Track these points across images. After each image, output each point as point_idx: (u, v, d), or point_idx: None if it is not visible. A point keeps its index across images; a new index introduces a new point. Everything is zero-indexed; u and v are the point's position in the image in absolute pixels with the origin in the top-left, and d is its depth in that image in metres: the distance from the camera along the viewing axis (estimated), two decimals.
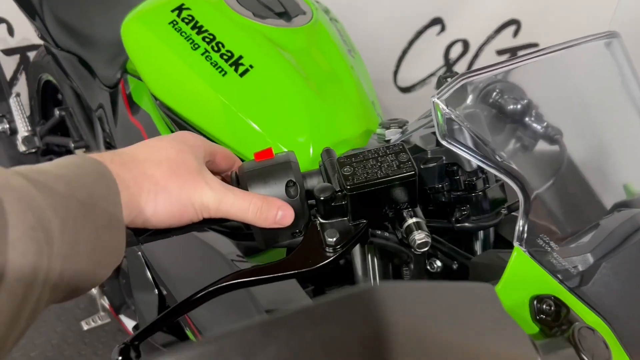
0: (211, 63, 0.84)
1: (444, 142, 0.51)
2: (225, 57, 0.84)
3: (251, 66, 0.83)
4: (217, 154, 0.60)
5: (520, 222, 0.49)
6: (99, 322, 1.61)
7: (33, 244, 0.38)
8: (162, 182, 0.51)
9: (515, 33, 2.05)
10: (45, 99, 1.72)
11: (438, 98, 0.51)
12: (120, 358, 0.53)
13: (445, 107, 0.51)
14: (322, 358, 0.22)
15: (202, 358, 0.20)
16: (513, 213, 0.71)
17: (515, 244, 0.50)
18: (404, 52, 2.09)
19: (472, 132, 0.51)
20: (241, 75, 0.83)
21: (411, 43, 2.07)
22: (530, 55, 0.54)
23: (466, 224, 0.68)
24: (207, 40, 0.85)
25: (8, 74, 2.00)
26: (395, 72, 2.14)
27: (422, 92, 2.16)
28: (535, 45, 2.06)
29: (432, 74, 2.14)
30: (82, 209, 0.43)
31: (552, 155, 0.62)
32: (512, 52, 2.09)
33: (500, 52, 2.09)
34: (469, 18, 2.02)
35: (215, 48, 0.85)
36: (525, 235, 0.49)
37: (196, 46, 0.85)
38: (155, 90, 0.92)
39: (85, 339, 1.77)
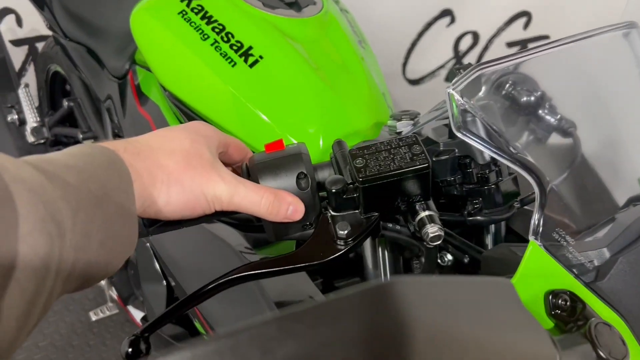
0: (220, 54, 0.83)
1: (458, 134, 0.50)
2: (234, 47, 0.83)
3: (261, 57, 0.83)
4: (229, 145, 0.59)
5: (535, 216, 0.48)
6: (107, 313, 1.61)
7: (44, 237, 0.37)
8: (175, 173, 0.51)
9: (526, 25, 2.03)
10: (53, 90, 1.72)
11: (453, 89, 0.50)
12: (130, 350, 0.52)
13: (460, 98, 0.50)
14: (341, 353, 0.22)
15: (218, 352, 0.20)
16: (526, 207, 0.70)
17: (531, 237, 0.49)
18: (413, 44, 2.08)
19: (487, 123, 0.50)
20: (251, 66, 0.82)
21: (420, 35, 2.06)
22: (546, 46, 0.53)
23: (478, 217, 0.67)
24: (216, 30, 0.85)
25: (17, 65, 1.99)
26: (404, 64, 2.12)
27: (431, 84, 2.15)
28: (546, 37, 2.04)
29: (441, 66, 2.13)
30: (93, 200, 0.43)
31: (566, 148, 0.61)
32: (523, 44, 2.07)
33: (510, 45, 2.08)
34: (479, 10, 2.00)
35: (225, 38, 0.84)
36: (541, 229, 0.48)
37: (206, 36, 0.84)
38: (164, 81, 0.92)
39: (94, 329, 1.78)
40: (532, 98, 0.63)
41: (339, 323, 0.22)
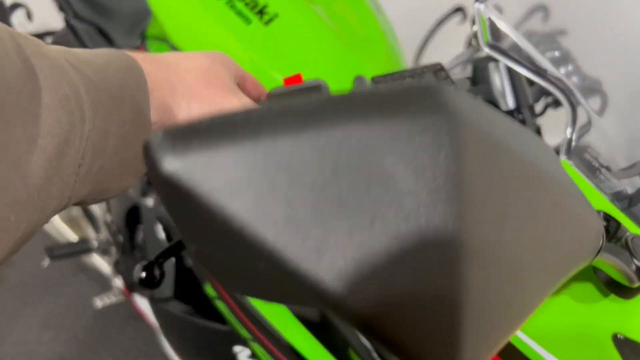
0: (235, 12, 0.82)
1: (486, 49, 0.48)
2: (249, 5, 0.82)
3: (276, 15, 0.81)
4: (247, 79, 0.58)
5: (568, 131, 0.46)
6: (113, 299, 1.59)
7: (67, 113, 0.35)
8: (195, 87, 0.48)
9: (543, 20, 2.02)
10: None
11: (481, 2, 0.48)
12: (144, 275, 0.50)
13: (488, 11, 0.48)
14: (376, 154, 0.20)
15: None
16: None
17: (562, 156, 0.47)
18: (425, 41, 2.06)
19: (515, 36, 0.48)
20: (266, 24, 0.81)
21: (432, 32, 2.05)
22: None
23: None
24: None
25: None
26: (416, 63, 2.11)
27: None
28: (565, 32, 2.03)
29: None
30: (111, 100, 0.41)
31: (594, 92, 0.60)
32: None
33: None
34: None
35: None
36: (573, 145, 0.46)
37: None
38: (177, 41, 0.91)
39: (99, 322, 1.75)
40: (556, 54, 0.62)
41: (380, 118, 0.20)
